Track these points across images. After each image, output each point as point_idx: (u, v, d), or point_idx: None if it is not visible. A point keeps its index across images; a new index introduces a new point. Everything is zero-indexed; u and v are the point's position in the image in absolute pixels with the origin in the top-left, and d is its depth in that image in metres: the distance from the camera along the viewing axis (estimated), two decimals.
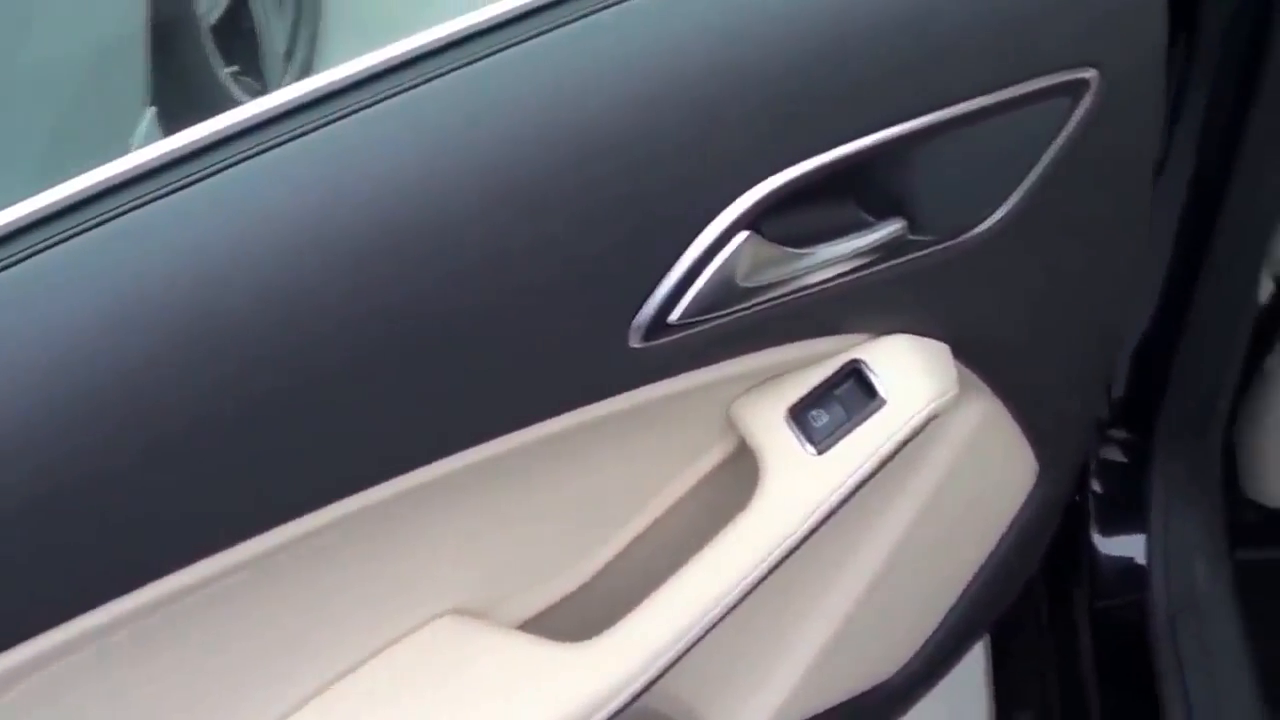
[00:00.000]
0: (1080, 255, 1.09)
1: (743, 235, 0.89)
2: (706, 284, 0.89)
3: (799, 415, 1.02)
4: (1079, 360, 1.20)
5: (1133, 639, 1.48)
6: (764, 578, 1.01)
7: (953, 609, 1.30)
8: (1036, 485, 1.25)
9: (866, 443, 1.00)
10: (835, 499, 1.00)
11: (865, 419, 1.00)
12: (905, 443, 1.02)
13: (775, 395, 1.03)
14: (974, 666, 1.65)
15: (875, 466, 1.01)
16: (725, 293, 0.90)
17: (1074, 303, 1.13)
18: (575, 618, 1.07)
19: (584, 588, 1.10)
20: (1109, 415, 1.50)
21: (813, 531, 1.01)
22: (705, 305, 0.90)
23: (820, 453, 1.01)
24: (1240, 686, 1.43)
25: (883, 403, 1.01)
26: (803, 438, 1.01)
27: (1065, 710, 1.59)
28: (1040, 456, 1.23)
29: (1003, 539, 1.27)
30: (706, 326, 0.91)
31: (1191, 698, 1.42)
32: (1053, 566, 1.50)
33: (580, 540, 1.09)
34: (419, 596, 1.01)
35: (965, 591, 1.29)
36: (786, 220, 0.90)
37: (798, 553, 1.02)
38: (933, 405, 1.01)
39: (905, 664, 1.31)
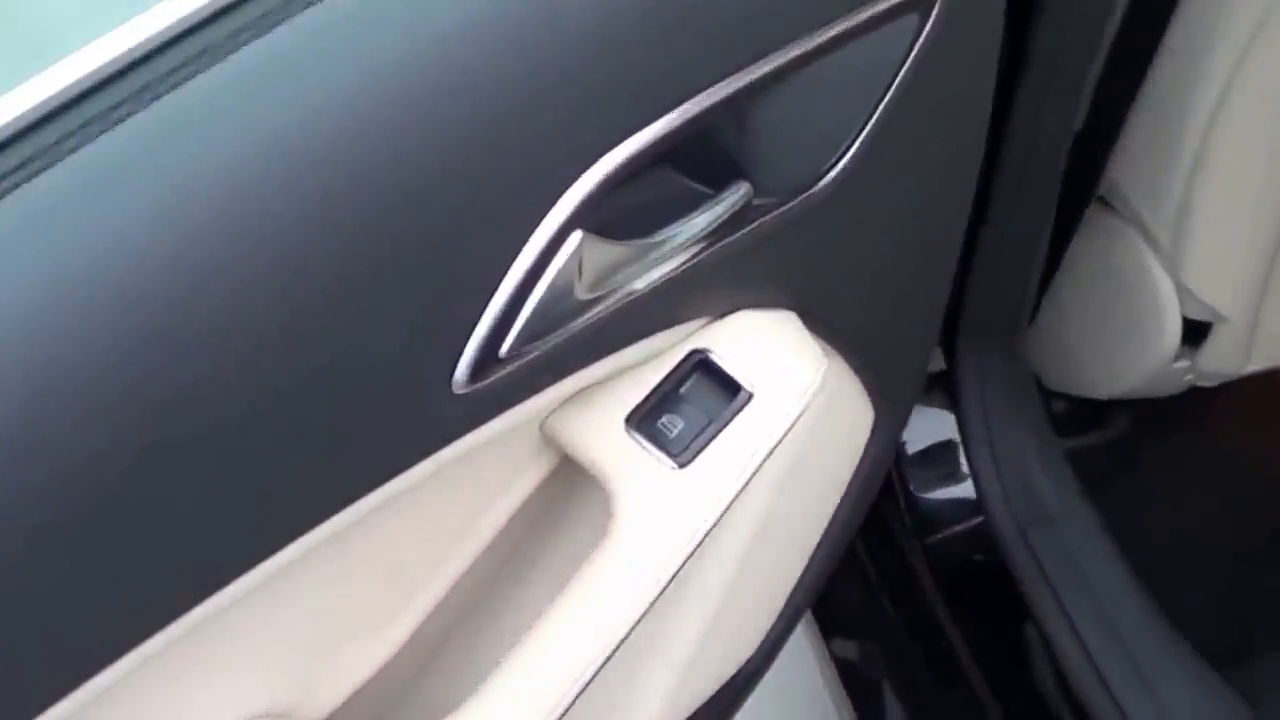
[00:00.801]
0: (925, 194, 0.96)
1: (575, 238, 0.72)
2: (540, 303, 0.73)
3: (644, 424, 0.86)
4: (917, 300, 1.07)
5: (979, 569, 1.38)
6: (636, 623, 0.85)
7: (805, 570, 1.16)
8: (873, 435, 1.12)
9: (739, 446, 0.85)
10: (711, 518, 0.85)
11: (731, 418, 0.85)
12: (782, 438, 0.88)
13: (607, 404, 0.87)
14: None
15: (754, 471, 0.85)
16: (562, 308, 0.74)
17: (915, 244, 1.00)
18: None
19: (409, 659, 0.93)
20: None
21: (688, 560, 0.85)
22: (540, 328, 0.74)
23: (681, 466, 0.85)
24: (1117, 583, 1.34)
25: (749, 396, 0.85)
26: (656, 450, 0.85)
27: (926, 661, 1.49)
28: (877, 405, 1.10)
29: (844, 498, 1.14)
30: (542, 350, 0.75)
31: (1069, 608, 1.32)
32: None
33: (395, 608, 0.92)
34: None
35: (812, 558, 1.16)
36: (622, 210, 0.74)
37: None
38: (810, 388, 0.87)
39: (760, 643, 1.16)
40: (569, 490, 0.93)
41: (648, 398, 0.86)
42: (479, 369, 0.73)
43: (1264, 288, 1.37)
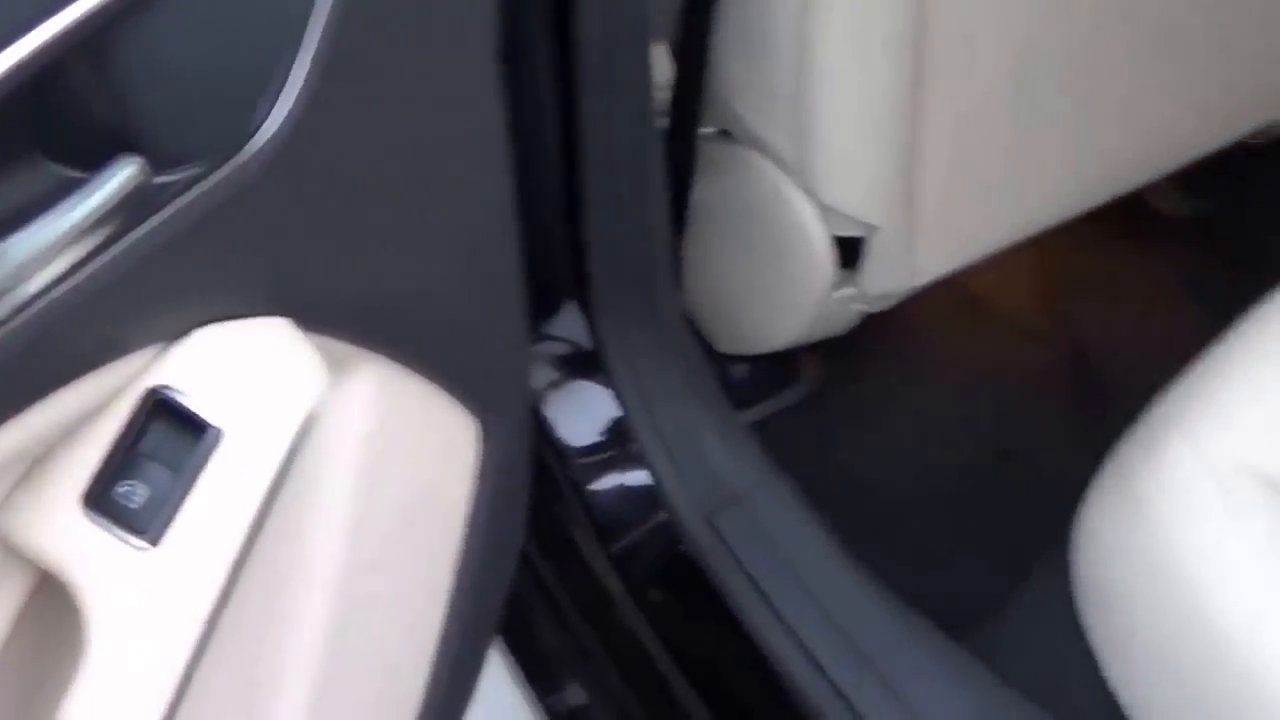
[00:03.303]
0: (427, 139, 0.76)
1: None
2: None
3: (103, 499, 0.65)
4: (475, 279, 0.88)
5: (674, 566, 1.21)
6: None
7: (452, 610, 0.98)
8: (485, 444, 0.93)
9: (218, 501, 0.65)
10: (210, 595, 0.65)
11: (198, 469, 0.65)
12: (280, 478, 0.68)
13: (56, 480, 0.66)
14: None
15: (250, 530, 0.65)
16: None
17: (441, 209, 0.80)
18: None
19: None
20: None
21: (198, 655, 0.65)
22: None
23: (153, 543, 0.65)
24: (821, 558, 1.17)
25: (218, 435, 0.65)
26: (119, 530, 0.65)
27: (625, 672, 1.31)
28: (476, 410, 0.91)
29: (473, 515, 0.96)
30: None
31: (771, 595, 1.15)
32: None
33: None
34: None
35: (458, 587, 0.97)
36: None
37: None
38: (300, 410, 0.67)
39: (428, 684, 0.98)
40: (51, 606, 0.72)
41: (104, 463, 0.66)
42: None
43: (910, 187, 1.21)
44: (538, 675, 1.38)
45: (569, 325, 1.22)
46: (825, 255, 1.22)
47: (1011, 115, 1.25)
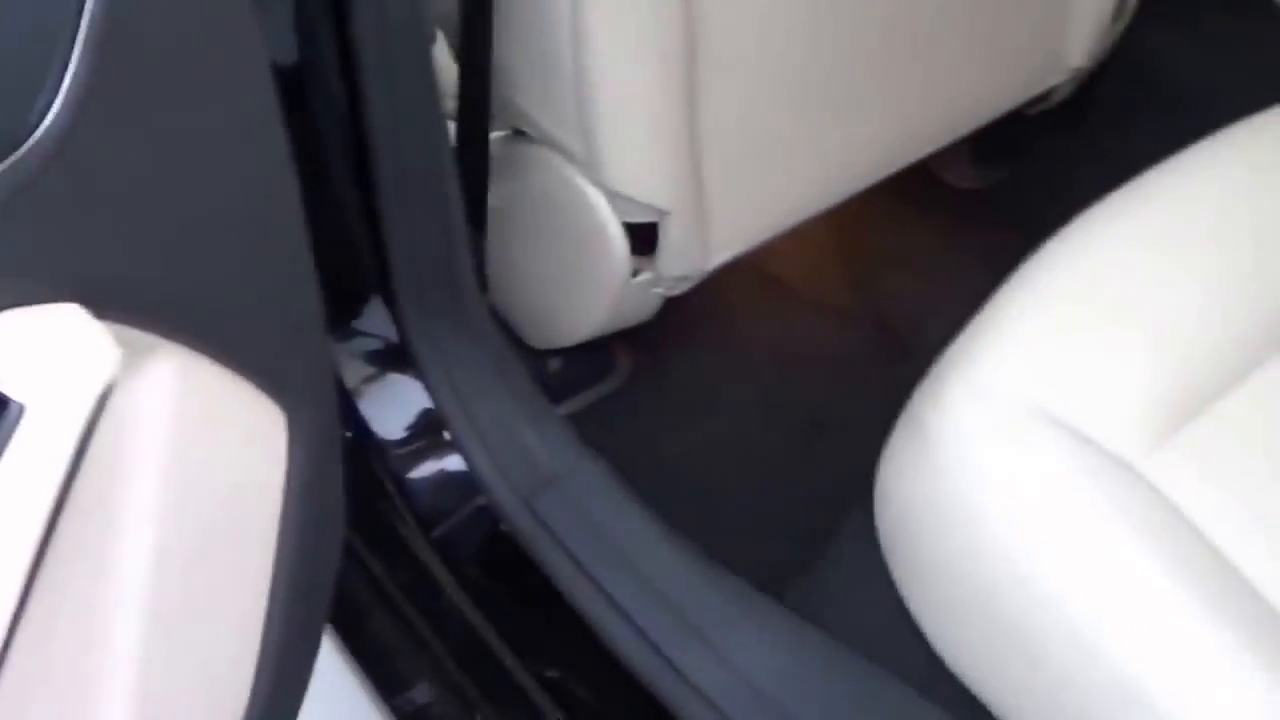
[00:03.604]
0: (195, 125, 0.79)
1: None
2: None
3: None
4: (262, 272, 0.91)
5: (496, 549, 1.24)
6: None
7: (275, 602, 0.99)
8: (293, 434, 0.96)
9: (19, 483, 0.67)
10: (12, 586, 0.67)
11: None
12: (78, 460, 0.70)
13: None
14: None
15: (50, 514, 0.68)
16: None
17: (212, 199, 0.83)
18: None
19: None
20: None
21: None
22: None
23: None
24: (639, 530, 1.21)
25: (20, 410, 0.68)
26: None
27: (461, 659, 1.34)
28: (281, 400, 0.93)
29: (288, 505, 0.97)
30: None
31: (592, 570, 1.19)
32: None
33: None
34: None
35: (279, 578, 0.99)
36: None
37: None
38: (93, 389, 0.70)
39: (256, 676, 1.00)
40: None
41: None
42: None
43: (697, 170, 1.26)
44: (380, 676, 1.40)
45: (381, 322, 1.26)
46: (619, 242, 1.27)
47: (788, 97, 1.31)
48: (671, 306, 1.40)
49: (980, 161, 1.72)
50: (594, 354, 1.49)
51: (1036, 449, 1.04)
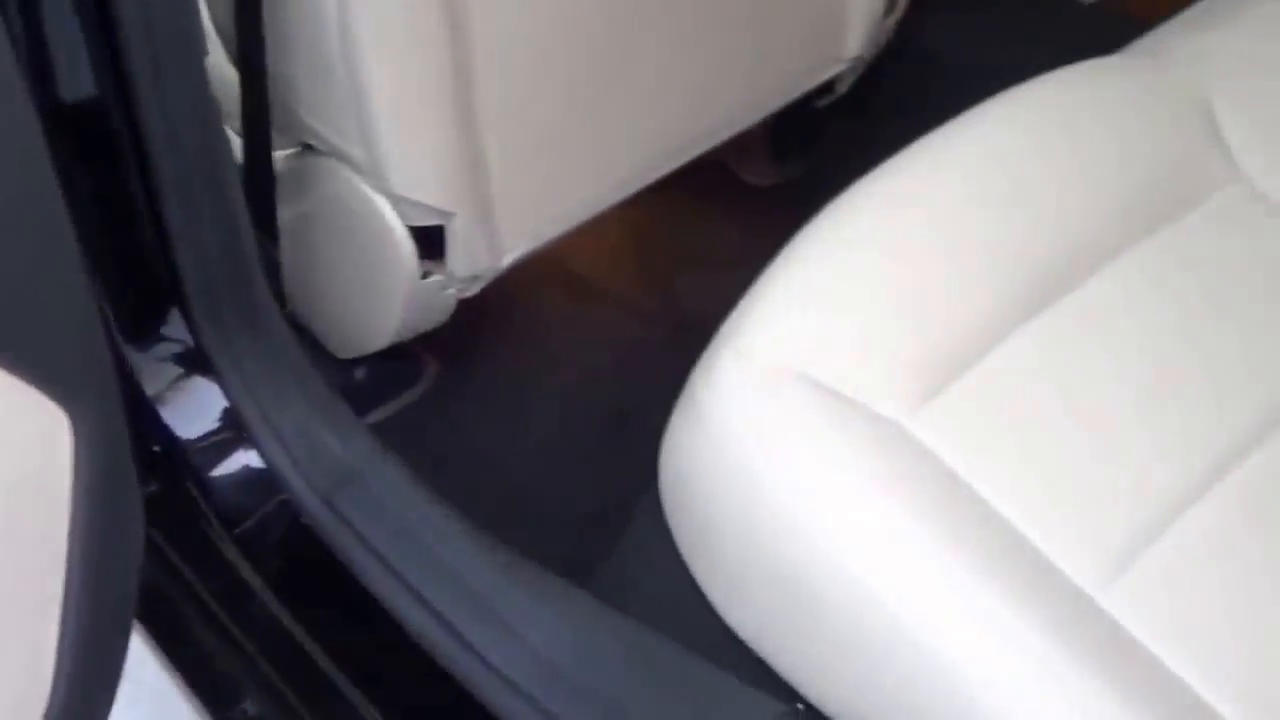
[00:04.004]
0: None
1: None
2: None
3: None
4: (30, 269, 0.93)
5: (299, 546, 1.27)
6: None
7: (71, 602, 1.01)
8: (77, 433, 0.98)
9: None
10: None
11: None
12: None
13: None
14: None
15: None
16: None
17: None
18: None
19: None
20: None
21: None
22: None
23: None
24: (439, 523, 1.24)
25: None
26: None
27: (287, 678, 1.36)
28: (61, 399, 0.95)
29: (77, 505, 0.99)
30: None
31: (394, 563, 1.22)
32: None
33: None
34: None
35: (74, 579, 1.01)
36: None
37: None
38: None
39: (55, 679, 1.01)
40: None
41: None
42: None
43: (478, 171, 1.30)
44: (209, 688, 1.42)
45: (180, 328, 1.28)
46: (407, 246, 1.30)
47: (565, 92, 1.34)
48: (477, 308, 1.44)
49: (776, 158, 1.78)
50: (400, 360, 1.51)
51: (802, 410, 1.08)
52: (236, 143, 1.28)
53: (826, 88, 1.64)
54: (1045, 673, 0.99)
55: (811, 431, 1.07)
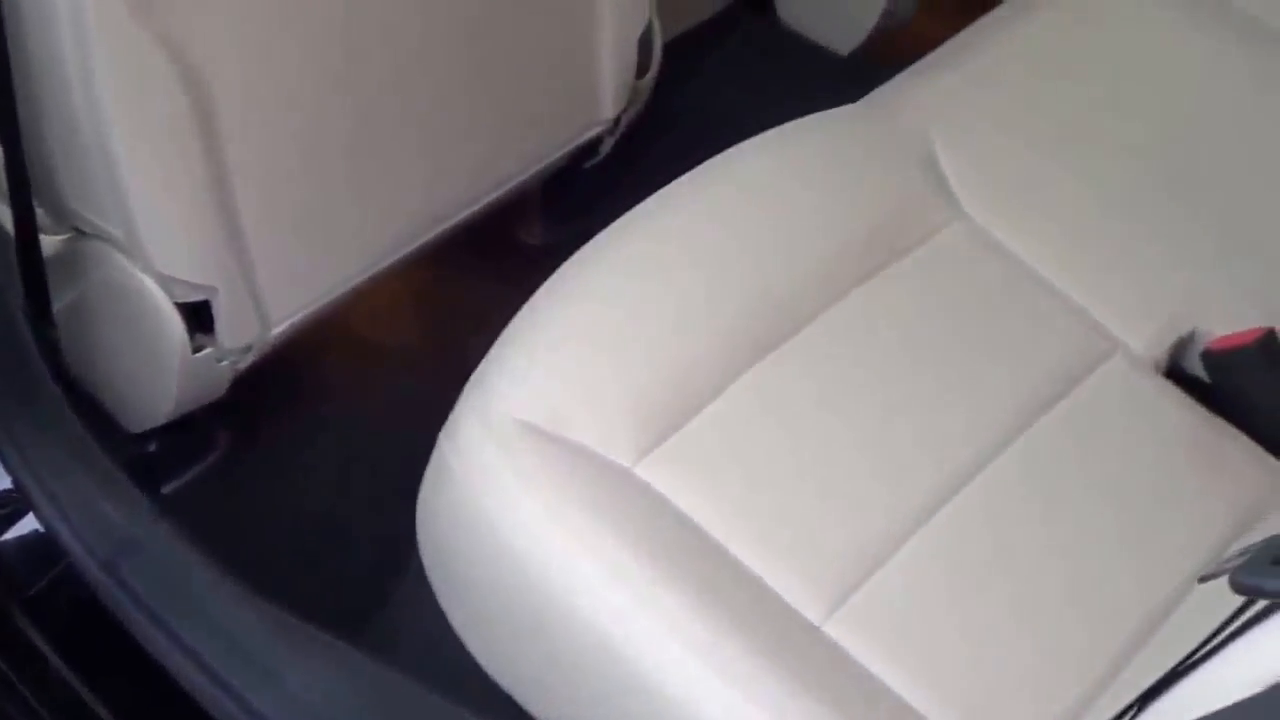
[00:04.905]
0: None
1: None
2: None
3: None
4: None
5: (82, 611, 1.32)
6: None
7: None
8: None
9: None
10: None
11: None
12: None
13: None
14: None
15: None
16: None
17: None
18: None
19: None
20: None
21: None
22: None
23: None
24: (215, 587, 1.29)
25: None
26: None
27: None
28: None
29: None
30: None
31: (173, 626, 1.27)
32: None
33: None
34: None
35: None
36: None
37: None
38: None
39: None
40: None
41: None
42: None
43: (238, 247, 1.36)
44: None
45: None
46: (174, 322, 1.36)
47: (318, 165, 1.41)
48: (262, 373, 1.49)
49: (550, 218, 1.85)
50: (189, 431, 1.56)
51: (534, 462, 1.16)
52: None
53: (591, 149, 1.72)
54: (758, 694, 1.07)
55: (540, 482, 1.15)
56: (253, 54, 1.31)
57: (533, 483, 1.16)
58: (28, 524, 1.40)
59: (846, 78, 1.89)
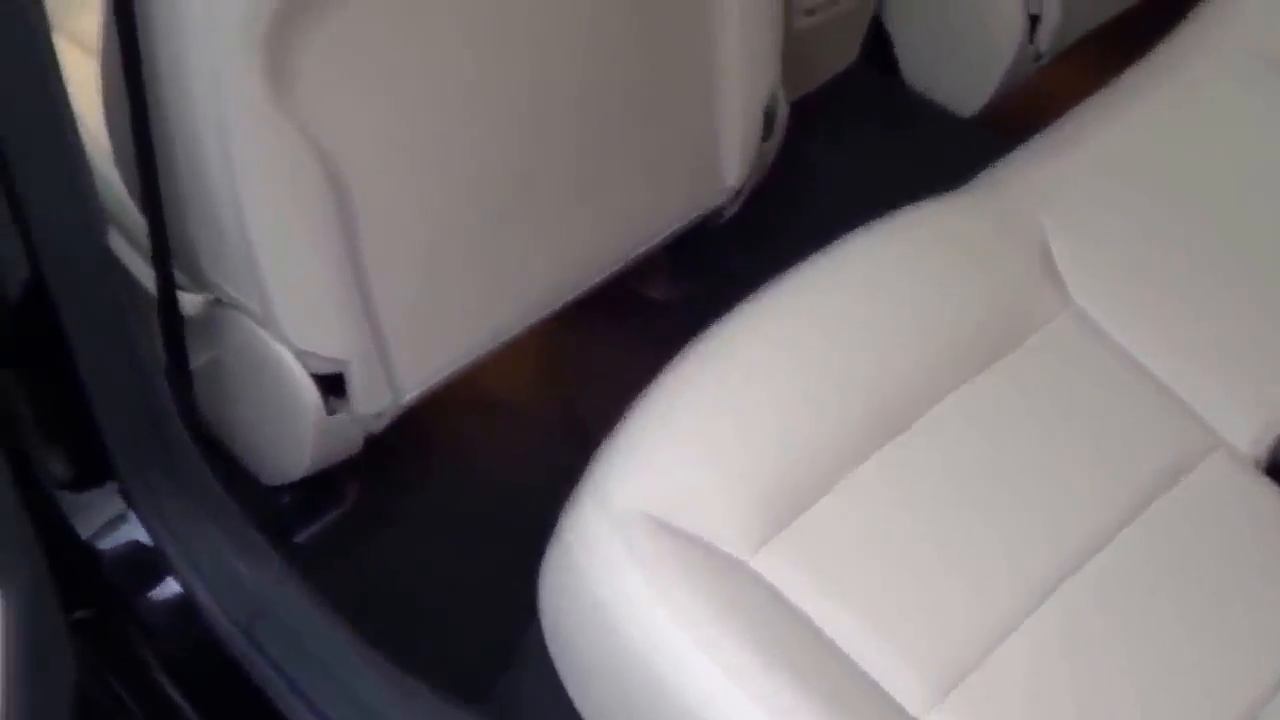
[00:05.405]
0: None
1: None
2: None
3: None
4: None
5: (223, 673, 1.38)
6: None
7: None
8: (8, 610, 1.08)
9: None
10: None
11: None
12: None
13: None
14: None
15: None
16: None
17: None
18: None
19: None
20: None
21: None
22: None
23: None
24: (346, 653, 1.33)
25: None
26: None
27: None
28: None
29: (9, 672, 1.09)
30: None
31: (308, 691, 1.31)
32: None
33: None
34: None
35: None
36: None
37: None
38: None
39: None
40: None
41: None
42: None
43: (372, 322, 1.41)
44: None
45: None
46: (309, 392, 1.41)
47: (450, 243, 1.45)
48: (395, 429, 1.54)
49: (676, 276, 1.89)
50: (321, 486, 1.62)
51: (651, 553, 1.19)
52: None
53: (716, 213, 1.76)
54: None
55: (656, 573, 1.18)
56: (386, 141, 1.35)
57: (645, 574, 1.18)
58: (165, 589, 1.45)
59: (967, 140, 1.92)
